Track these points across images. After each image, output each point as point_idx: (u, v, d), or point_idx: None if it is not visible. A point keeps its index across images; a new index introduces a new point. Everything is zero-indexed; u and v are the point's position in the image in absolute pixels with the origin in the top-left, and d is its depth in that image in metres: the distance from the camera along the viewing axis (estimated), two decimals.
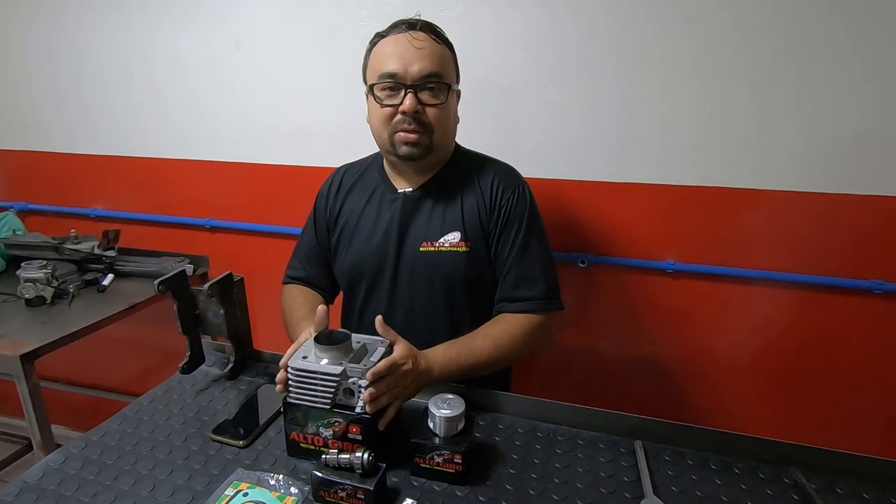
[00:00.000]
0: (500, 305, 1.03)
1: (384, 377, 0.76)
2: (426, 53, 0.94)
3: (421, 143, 0.96)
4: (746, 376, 1.40)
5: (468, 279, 1.01)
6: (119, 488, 0.74)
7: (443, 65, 0.96)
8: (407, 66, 0.93)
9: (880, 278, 1.23)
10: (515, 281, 1.01)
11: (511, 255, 1.01)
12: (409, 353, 0.82)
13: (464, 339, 0.95)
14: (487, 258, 1.03)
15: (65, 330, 1.26)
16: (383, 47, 0.96)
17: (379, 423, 0.76)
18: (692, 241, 1.34)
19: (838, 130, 1.19)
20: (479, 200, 1.02)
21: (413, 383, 0.83)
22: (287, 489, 0.73)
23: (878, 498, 0.74)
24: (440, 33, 0.99)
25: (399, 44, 0.94)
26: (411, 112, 0.93)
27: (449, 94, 0.97)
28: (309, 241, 1.15)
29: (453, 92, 1.00)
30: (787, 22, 1.16)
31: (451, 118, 1.01)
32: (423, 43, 0.94)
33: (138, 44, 1.58)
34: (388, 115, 0.96)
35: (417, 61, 0.93)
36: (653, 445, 0.84)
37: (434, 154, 1.00)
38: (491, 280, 1.05)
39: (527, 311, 1.00)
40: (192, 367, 0.98)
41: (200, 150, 1.63)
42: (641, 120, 1.29)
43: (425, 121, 0.95)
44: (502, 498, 0.74)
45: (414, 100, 0.93)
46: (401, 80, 0.93)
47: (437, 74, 0.95)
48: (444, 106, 0.96)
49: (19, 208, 1.83)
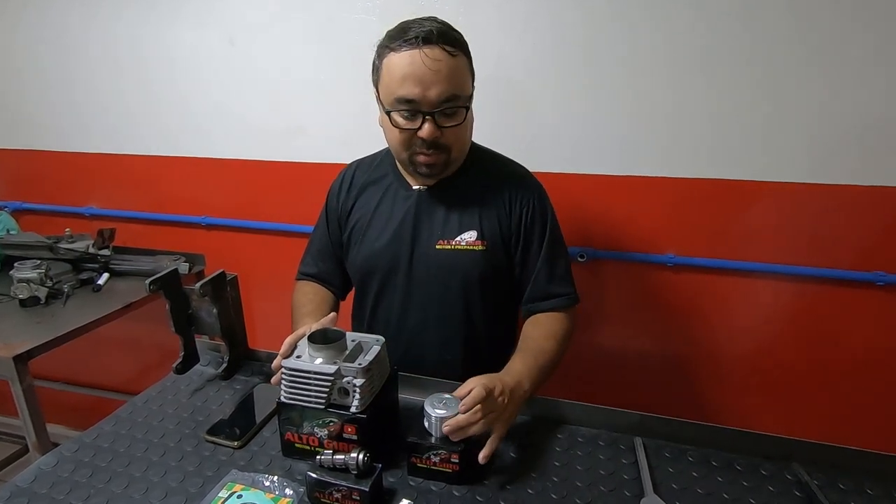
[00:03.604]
0: (532, 305, 1.04)
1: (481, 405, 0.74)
2: (443, 75, 0.87)
3: (439, 163, 0.95)
4: (747, 370, 1.39)
5: (484, 278, 1.01)
6: (112, 491, 0.73)
7: (460, 82, 0.91)
8: (424, 90, 0.87)
9: (882, 270, 1.22)
10: (547, 280, 1.03)
11: (540, 257, 1.02)
12: (491, 380, 0.79)
13: (529, 346, 0.95)
14: (504, 258, 1.02)
15: (59, 330, 1.25)
16: (397, 65, 0.88)
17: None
18: (693, 234, 1.32)
19: (841, 122, 1.17)
20: (497, 203, 1.01)
21: (510, 403, 0.80)
22: (282, 490, 0.73)
23: (881, 493, 0.73)
24: (455, 40, 0.90)
25: (414, 64, 0.87)
26: (430, 139, 0.91)
27: (467, 112, 0.94)
28: (321, 237, 1.14)
29: (470, 100, 0.96)
30: (792, 12, 1.14)
31: (468, 132, 0.99)
32: (440, 63, 0.87)
33: (129, 39, 1.56)
34: (406, 138, 0.93)
35: (435, 85, 0.87)
36: (653, 442, 0.83)
37: (451, 166, 0.99)
38: (507, 279, 1.04)
39: (562, 307, 1.03)
40: (186, 367, 0.97)
41: (195, 147, 1.62)
42: (643, 113, 1.27)
43: (443, 143, 0.93)
44: (500, 497, 0.73)
45: (433, 126, 0.89)
46: (418, 107, 0.89)
47: (456, 96, 0.90)
48: (462, 126, 0.93)
49: (13, 208, 1.82)
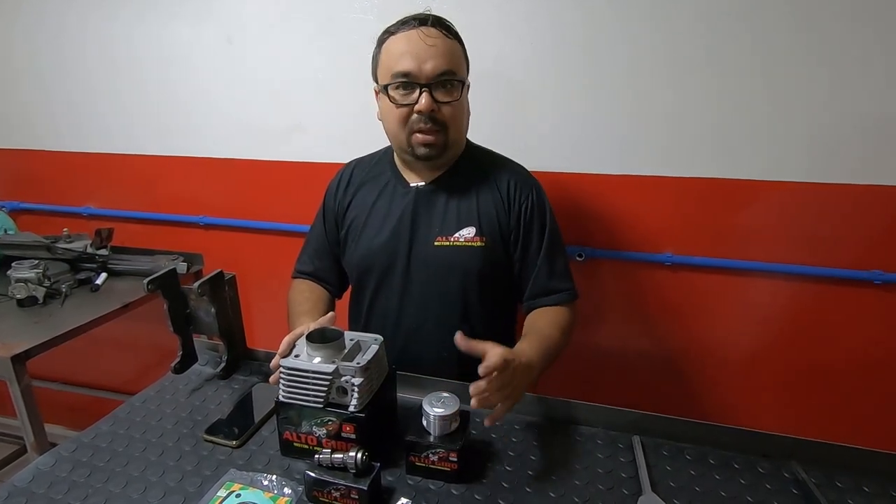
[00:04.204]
0: (534, 301, 1.04)
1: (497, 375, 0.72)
2: (439, 51, 0.92)
3: (437, 143, 0.96)
4: (745, 369, 1.39)
5: (483, 274, 1.01)
6: (110, 491, 0.73)
7: (455, 61, 0.95)
8: (420, 64, 0.91)
9: (880, 269, 1.23)
10: (548, 276, 1.04)
11: (539, 254, 1.03)
12: (510, 352, 0.76)
13: (535, 331, 0.95)
14: (503, 254, 1.03)
15: (57, 330, 1.24)
16: (395, 45, 0.94)
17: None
18: (691, 233, 1.32)
19: (840, 121, 1.17)
20: (495, 199, 1.02)
21: (521, 380, 0.79)
22: (280, 490, 0.72)
23: (878, 492, 0.74)
24: (450, 27, 0.97)
25: (411, 41, 0.92)
26: (427, 111, 0.93)
27: (462, 90, 0.97)
28: (318, 235, 1.15)
29: (465, 87, 1.00)
30: (791, 12, 1.14)
31: (464, 113, 1.01)
32: (436, 40, 0.92)
33: (126, 39, 1.55)
34: (403, 115, 0.95)
35: (431, 59, 0.92)
36: (651, 441, 0.83)
37: (449, 151, 1.00)
38: (505, 276, 1.05)
39: (564, 301, 1.04)
40: (184, 367, 0.97)
41: (193, 146, 1.61)
42: (642, 112, 1.27)
43: (440, 119, 0.95)
44: (499, 496, 0.73)
45: (429, 98, 0.92)
46: (415, 79, 0.92)
47: (451, 72, 0.94)
48: (458, 103, 0.96)
49: (11, 207, 1.82)
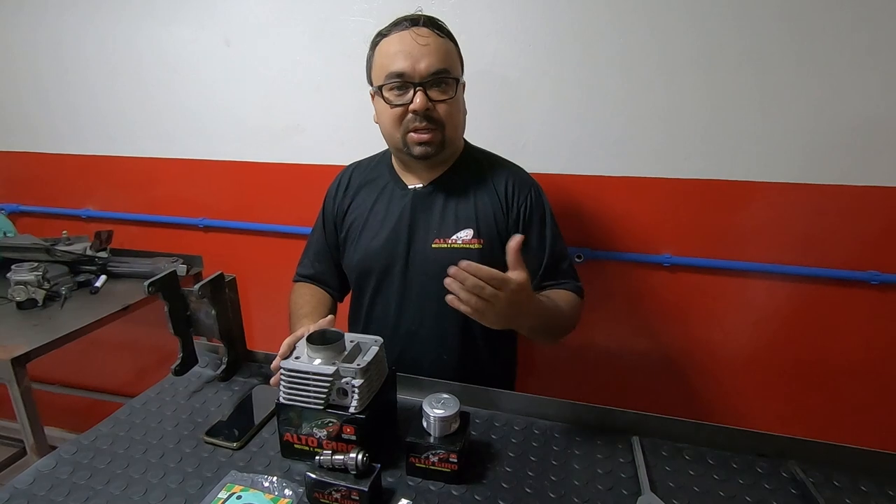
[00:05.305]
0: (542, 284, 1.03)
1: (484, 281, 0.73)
2: (432, 49, 0.93)
3: (433, 141, 0.96)
4: (743, 369, 1.40)
5: None
6: (110, 493, 0.73)
7: (449, 59, 0.96)
8: (414, 63, 0.92)
9: (876, 269, 1.23)
10: (552, 274, 1.04)
11: (540, 254, 1.04)
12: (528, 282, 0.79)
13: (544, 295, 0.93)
14: (501, 256, 1.01)
15: (57, 332, 1.25)
16: (388, 46, 0.95)
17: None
18: (689, 234, 1.33)
19: (835, 122, 1.18)
20: (493, 201, 1.03)
21: (515, 305, 0.77)
22: (281, 491, 0.73)
23: (876, 491, 0.74)
24: (443, 27, 0.98)
25: (404, 41, 0.93)
26: (422, 110, 0.93)
27: (457, 88, 0.97)
28: (318, 239, 1.16)
29: (461, 85, 1.00)
30: (785, 13, 1.14)
31: (460, 112, 1.01)
32: (428, 39, 0.93)
33: (125, 41, 1.56)
34: (398, 115, 0.95)
35: (424, 58, 0.92)
36: (650, 441, 0.83)
37: (446, 149, 1.00)
38: None
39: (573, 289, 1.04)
40: (184, 369, 0.97)
41: (192, 149, 1.62)
42: (639, 114, 1.27)
43: (436, 117, 0.95)
44: (499, 497, 0.73)
45: (424, 97, 0.93)
46: (409, 79, 0.93)
47: (445, 70, 0.94)
48: (453, 100, 0.96)
49: (9, 210, 1.82)
